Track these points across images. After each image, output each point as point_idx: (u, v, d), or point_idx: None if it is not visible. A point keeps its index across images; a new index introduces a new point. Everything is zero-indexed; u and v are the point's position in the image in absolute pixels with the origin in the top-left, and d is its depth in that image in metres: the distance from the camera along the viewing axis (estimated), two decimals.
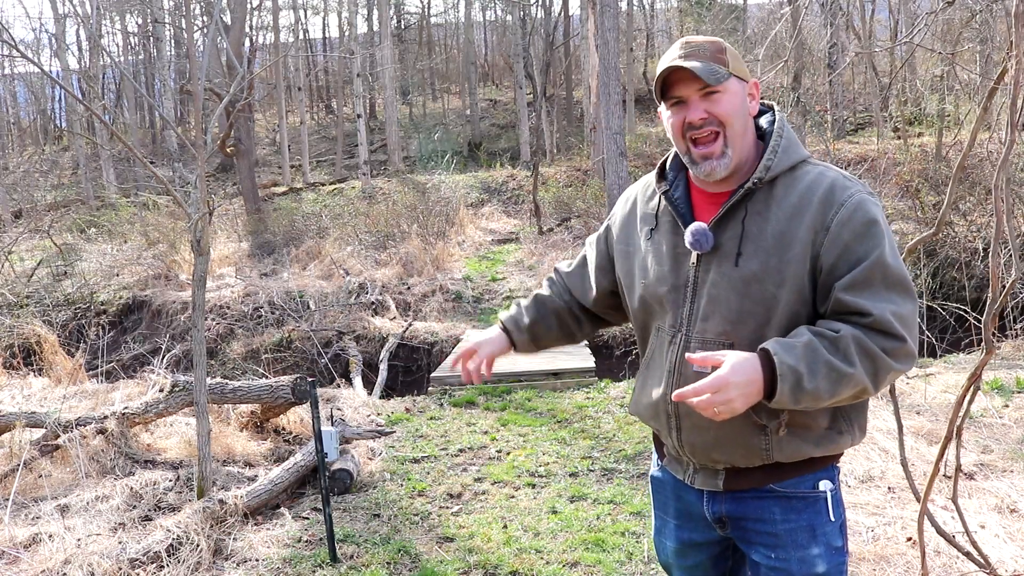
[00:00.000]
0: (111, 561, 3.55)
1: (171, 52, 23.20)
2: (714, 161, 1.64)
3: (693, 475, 1.79)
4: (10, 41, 4.69)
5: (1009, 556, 3.33)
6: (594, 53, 12.84)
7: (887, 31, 18.35)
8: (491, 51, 37.08)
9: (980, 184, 9.12)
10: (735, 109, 1.64)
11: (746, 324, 1.62)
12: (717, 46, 1.66)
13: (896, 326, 1.53)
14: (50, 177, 23.30)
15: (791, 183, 1.64)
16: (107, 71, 25.61)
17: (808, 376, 1.50)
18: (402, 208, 14.44)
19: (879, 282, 1.55)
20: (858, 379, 1.52)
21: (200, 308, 4.28)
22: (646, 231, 1.80)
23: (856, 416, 1.71)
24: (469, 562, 3.73)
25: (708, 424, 1.66)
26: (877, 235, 1.57)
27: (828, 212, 1.58)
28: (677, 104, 1.66)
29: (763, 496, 1.72)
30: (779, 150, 1.65)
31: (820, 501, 1.71)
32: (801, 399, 1.52)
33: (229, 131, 13.82)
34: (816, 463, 1.71)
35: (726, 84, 1.63)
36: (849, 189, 1.61)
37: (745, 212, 1.64)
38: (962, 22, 10.07)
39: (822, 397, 1.52)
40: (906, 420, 4.55)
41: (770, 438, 1.65)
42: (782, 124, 1.69)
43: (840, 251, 1.57)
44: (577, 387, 6.73)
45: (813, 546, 1.70)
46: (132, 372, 9.03)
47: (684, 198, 1.74)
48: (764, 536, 1.73)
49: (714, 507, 1.78)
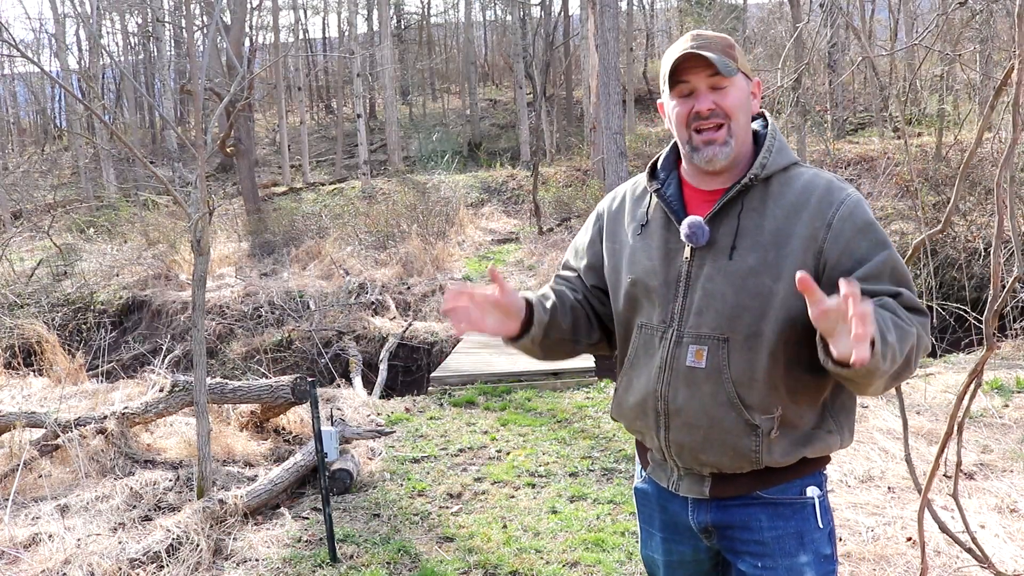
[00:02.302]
0: (111, 561, 3.55)
1: (171, 52, 23.19)
2: (716, 147, 1.64)
3: (678, 482, 1.75)
4: (10, 41, 4.69)
5: (1009, 556, 3.33)
6: (594, 53, 12.84)
7: (887, 31, 18.36)
8: (491, 51, 37.05)
9: (980, 184, 9.12)
10: (741, 104, 1.66)
11: (741, 318, 1.61)
12: (727, 42, 1.67)
13: (919, 303, 1.57)
14: (50, 177, 23.28)
15: (787, 182, 1.66)
16: (107, 71, 25.59)
17: (886, 329, 1.43)
18: (402, 208, 14.43)
19: (887, 278, 1.58)
20: (914, 340, 1.48)
21: (200, 308, 4.28)
22: (635, 227, 1.78)
23: (845, 417, 1.70)
24: (469, 562, 3.73)
25: (698, 423, 1.64)
26: (880, 234, 1.61)
27: (828, 210, 1.60)
28: (685, 95, 1.67)
29: (749, 503, 1.69)
30: (773, 150, 1.67)
31: (808, 507, 1.69)
32: (886, 353, 1.39)
33: (229, 131, 13.81)
34: (804, 467, 1.68)
35: (735, 78, 1.65)
36: (845, 190, 1.65)
37: (741, 207, 1.65)
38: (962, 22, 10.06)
39: (896, 358, 1.43)
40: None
41: (760, 440, 1.62)
42: (774, 128, 1.72)
43: (843, 247, 1.58)
44: (577, 387, 6.73)
45: (801, 554, 1.67)
46: (132, 372, 9.03)
47: (676, 195, 1.73)
48: (751, 544, 1.69)
49: (699, 516, 1.74)
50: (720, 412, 1.62)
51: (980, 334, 7.12)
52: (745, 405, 1.60)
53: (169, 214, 15.07)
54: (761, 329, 1.60)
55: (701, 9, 22.13)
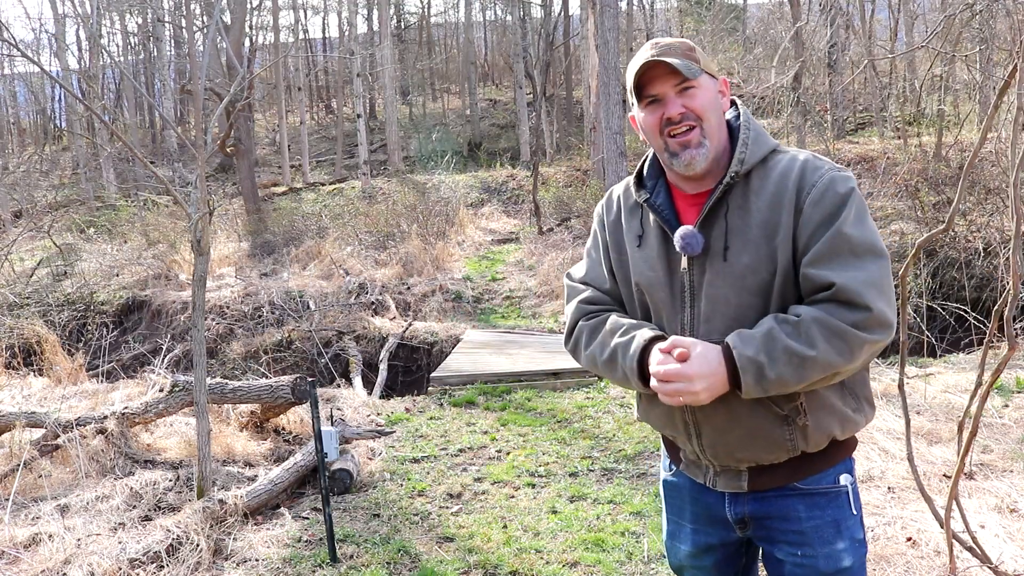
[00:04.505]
0: (111, 561, 3.55)
1: (171, 52, 23.20)
2: (693, 150, 1.64)
3: (715, 478, 1.78)
4: (10, 40, 4.69)
5: (1009, 556, 3.33)
6: (594, 53, 12.84)
7: (887, 31, 18.35)
8: (491, 51, 37.05)
9: (980, 184, 9.11)
10: (710, 103, 1.66)
11: (748, 317, 1.62)
12: (686, 45, 1.68)
13: (862, 294, 1.51)
14: (50, 177, 23.29)
15: (765, 173, 1.65)
16: (107, 71, 25.58)
17: (769, 365, 1.52)
18: (402, 208, 14.43)
19: (846, 251, 1.55)
20: (823, 361, 1.51)
21: (200, 308, 4.28)
22: (631, 237, 1.79)
23: (861, 389, 1.72)
24: (469, 562, 3.73)
25: (730, 425, 1.66)
26: (844, 208, 1.57)
27: (801, 194, 1.60)
28: (653, 103, 1.67)
29: (787, 495, 1.73)
30: (749, 142, 1.67)
31: (843, 495, 1.73)
32: (769, 387, 1.54)
33: (229, 131, 13.81)
34: (837, 454, 1.72)
35: (700, 79, 1.65)
36: (820, 170, 1.62)
37: (727, 207, 1.65)
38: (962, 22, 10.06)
39: (789, 383, 1.54)
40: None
41: (794, 428, 1.65)
42: (747, 117, 1.71)
43: (811, 231, 1.58)
44: (577, 387, 6.73)
45: (839, 541, 1.71)
46: (132, 372, 9.03)
47: (667, 204, 1.73)
48: (790, 534, 1.73)
49: (736, 508, 1.78)
50: (749, 411, 1.65)
51: (980, 334, 7.12)
52: (771, 399, 1.62)
53: (169, 214, 15.07)
54: None
55: (701, 9, 22.11)
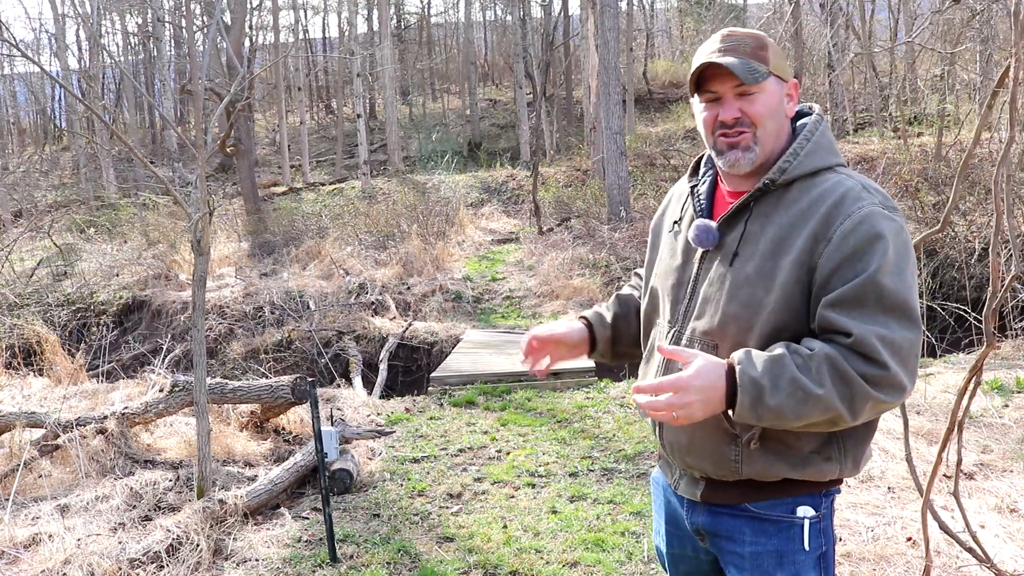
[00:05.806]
0: (111, 561, 3.55)
1: (171, 52, 23.21)
2: (739, 152, 1.58)
3: (678, 480, 1.76)
4: (10, 40, 4.69)
5: (1009, 556, 3.33)
6: (594, 53, 12.85)
7: (887, 31, 18.35)
8: (491, 51, 37.07)
9: (980, 184, 9.12)
10: (770, 111, 1.58)
11: (729, 327, 1.57)
12: (759, 41, 1.59)
13: (881, 351, 1.41)
14: (50, 177, 23.30)
15: (807, 188, 1.56)
16: (107, 71, 25.61)
17: (771, 391, 1.43)
18: (402, 208, 14.44)
19: (873, 303, 1.44)
20: (828, 402, 1.42)
21: (200, 308, 4.28)
22: (672, 224, 1.78)
23: (852, 447, 1.60)
24: (469, 562, 3.73)
25: (683, 428, 1.61)
26: (879, 252, 1.45)
27: (834, 223, 1.48)
28: (711, 99, 1.61)
29: (737, 514, 1.66)
30: (800, 153, 1.57)
31: (795, 527, 1.62)
32: (763, 415, 1.45)
33: (229, 131, 13.81)
34: (795, 487, 1.61)
35: (764, 84, 1.56)
36: (862, 200, 1.50)
37: (750, 213, 1.60)
38: (962, 22, 10.07)
39: (786, 416, 1.44)
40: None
41: (740, 450, 1.58)
42: (814, 129, 1.61)
43: (836, 265, 1.47)
44: (577, 387, 6.73)
45: (778, 573, 1.62)
46: (132, 372, 9.02)
47: (707, 193, 1.71)
48: (734, 556, 1.67)
49: (693, 517, 1.74)
50: (702, 420, 1.56)
51: (980, 334, 7.13)
52: (725, 415, 1.53)
53: (169, 214, 15.07)
54: (745, 341, 1.55)
55: (701, 9, 22.12)
